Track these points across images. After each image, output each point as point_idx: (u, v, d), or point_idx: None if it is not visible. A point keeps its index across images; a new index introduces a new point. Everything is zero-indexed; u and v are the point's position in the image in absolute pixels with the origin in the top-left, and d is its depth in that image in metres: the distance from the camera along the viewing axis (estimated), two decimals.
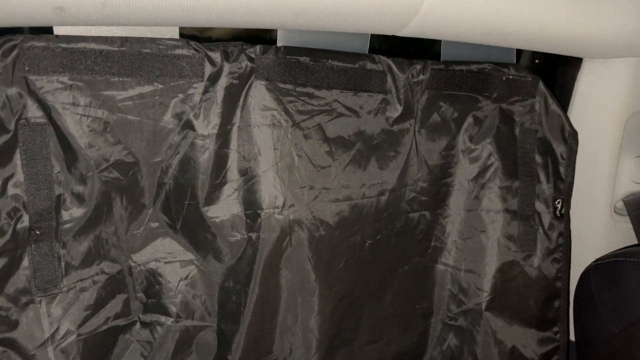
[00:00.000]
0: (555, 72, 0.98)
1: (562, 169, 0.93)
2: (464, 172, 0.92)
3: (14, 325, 0.66)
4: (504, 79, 0.89)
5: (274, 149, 0.77)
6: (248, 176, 0.77)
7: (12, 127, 0.65)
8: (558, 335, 0.95)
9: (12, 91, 0.64)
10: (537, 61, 1.05)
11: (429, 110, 0.87)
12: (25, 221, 0.67)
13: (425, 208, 0.91)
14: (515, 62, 0.92)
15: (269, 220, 0.77)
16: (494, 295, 0.91)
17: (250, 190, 0.77)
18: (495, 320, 0.92)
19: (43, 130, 0.67)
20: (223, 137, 0.75)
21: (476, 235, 0.92)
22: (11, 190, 0.66)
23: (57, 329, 0.69)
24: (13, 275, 0.66)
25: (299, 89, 0.77)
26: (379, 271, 0.89)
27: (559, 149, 0.93)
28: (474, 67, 0.87)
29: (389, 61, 0.82)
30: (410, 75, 0.83)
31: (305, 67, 0.77)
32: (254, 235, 0.78)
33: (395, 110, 0.84)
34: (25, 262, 0.67)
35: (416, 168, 0.88)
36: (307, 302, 0.82)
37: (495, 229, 0.92)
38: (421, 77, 0.84)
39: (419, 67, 0.84)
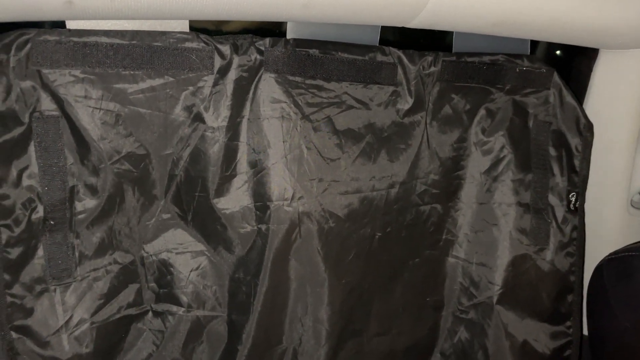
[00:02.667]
0: (571, 63, 0.96)
1: (576, 162, 0.92)
2: (476, 164, 0.91)
3: (29, 312, 0.68)
4: (517, 70, 0.88)
5: (283, 142, 0.77)
6: (257, 168, 0.77)
7: (26, 119, 0.66)
8: (571, 330, 0.94)
9: (26, 84, 0.65)
10: (558, 52, 1.03)
11: (440, 102, 0.87)
12: (40, 212, 0.68)
13: (437, 201, 0.90)
14: (529, 53, 0.91)
15: (278, 212, 0.78)
16: (505, 288, 0.90)
17: (259, 182, 0.78)
18: (506, 313, 0.91)
19: (56, 122, 0.68)
20: (233, 129, 0.76)
21: (488, 228, 0.92)
22: (26, 181, 0.67)
23: (71, 317, 0.71)
24: (28, 264, 0.68)
25: (308, 81, 0.78)
26: (388, 263, 0.89)
27: (574, 141, 0.91)
28: (486, 58, 0.86)
29: (400, 53, 0.81)
30: (421, 67, 0.83)
31: (314, 59, 0.77)
32: (263, 227, 0.78)
33: (406, 103, 0.84)
34: (40, 252, 0.69)
35: (427, 161, 0.88)
36: (316, 293, 0.82)
37: (508, 222, 0.91)
38: (432, 68, 0.84)
39: (430, 58, 0.83)
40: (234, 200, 0.78)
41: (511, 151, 0.90)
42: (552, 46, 0.99)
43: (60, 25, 0.67)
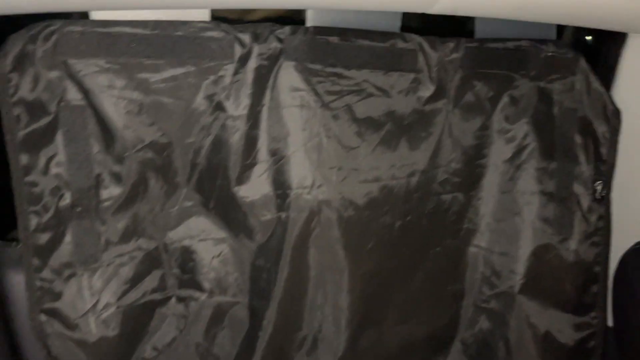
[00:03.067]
0: (598, 48, 0.93)
1: (603, 150, 0.90)
2: (498, 152, 0.90)
3: (58, 296, 0.71)
4: (542, 56, 0.86)
5: (303, 130, 0.78)
6: (277, 157, 0.78)
7: (53, 109, 0.68)
8: (595, 321, 0.92)
9: (53, 74, 0.67)
10: (586, 38, 1.00)
11: (462, 89, 0.86)
12: (67, 199, 0.70)
13: (458, 189, 0.90)
14: (555, 38, 0.89)
15: (298, 200, 0.79)
16: (527, 278, 0.90)
17: (279, 170, 0.78)
18: (528, 303, 0.90)
19: (82, 111, 0.70)
20: (253, 118, 0.77)
21: (510, 217, 0.91)
22: (54, 169, 0.69)
23: (98, 300, 0.73)
24: (57, 249, 0.70)
25: (328, 69, 0.78)
26: (409, 252, 0.88)
27: (601, 128, 0.89)
28: (510, 44, 0.85)
29: (421, 39, 0.81)
30: (443, 53, 0.82)
31: (334, 46, 0.77)
32: (283, 215, 0.79)
33: (427, 90, 0.83)
34: (68, 238, 0.71)
35: (449, 149, 0.87)
36: (336, 281, 0.83)
37: (530, 211, 0.90)
38: (454, 55, 0.83)
39: (452, 45, 0.82)
40: (255, 188, 0.78)
41: (535, 139, 0.89)
42: (579, 31, 0.96)
43: (85, 16, 0.69)
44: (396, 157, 0.83)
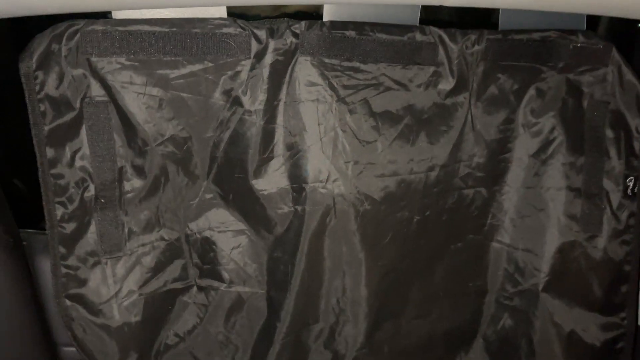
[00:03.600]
0: (631, 38, 0.89)
1: (636, 144, 0.86)
2: (523, 147, 0.88)
3: (82, 282, 0.75)
4: (571, 47, 0.83)
5: (319, 124, 0.78)
6: (294, 151, 0.79)
7: (78, 105, 0.71)
8: (625, 322, 0.89)
9: (77, 72, 0.70)
10: (619, 26, 0.96)
11: (485, 82, 0.84)
12: (91, 190, 0.74)
13: (481, 184, 0.88)
14: (585, 28, 0.85)
15: (314, 194, 0.79)
16: (552, 276, 0.87)
17: (296, 164, 0.79)
18: (552, 302, 0.88)
19: (105, 107, 0.73)
20: (270, 112, 0.78)
21: (535, 213, 0.88)
22: (78, 162, 0.73)
23: (121, 288, 0.77)
24: (82, 238, 0.74)
25: (344, 63, 0.78)
26: (428, 247, 0.88)
27: (634, 122, 0.86)
28: (536, 35, 0.82)
29: (441, 32, 0.79)
30: (464, 46, 0.80)
31: (350, 40, 0.77)
32: (299, 208, 0.80)
33: (448, 83, 0.82)
34: (93, 228, 0.75)
35: (471, 143, 0.86)
36: (353, 274, 0.83)
37: (556, 208, 0.87)
38: (476, 47, 0.81)
39: (473, 37, 0.80)
40: (272, 181, 0.80)
41: (562, 133, 0.86)
42: (612, 21, 0.92)
43: (106, 15, 0.71)
44: (415, 151, 0.83)
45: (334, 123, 0.78)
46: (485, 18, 0.87)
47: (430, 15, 0.83)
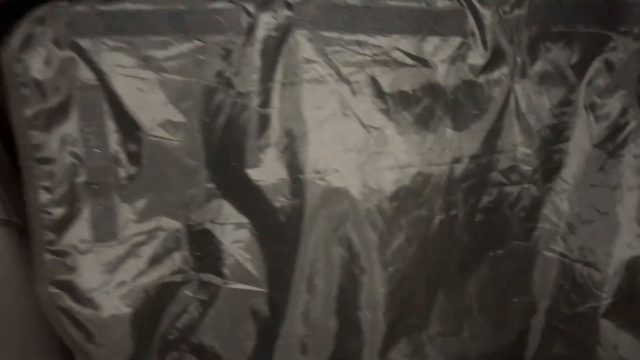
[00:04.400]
0: None
1: None
2: (586, 134, 0.71)
3: (71, 270, 0.73)
4: None
5: (317, 108, 0.69)
6: (290, 138, 0.71)
7: (65, 89, 0.70)
8: None
9: (64, 55, 0.68)
10: None
11: (532, 54, 0.68)
12: (83, 176, 0.72)
13: (530, 180, 0.72)
14: None
15: (312, 187, 0.70)
16: (617, 298, 0.69)
17: (292, 153, 0.71)
18: (617, 331, 0.70)
19: (95, 91, 0.70)
20: (264, 95, 0.70)
21: (599, 218, 0.71)
22: (68, 147, 0.71)
23: (113, 278, 0.74)
24: (73, 224, 0.72)
25: (347, 36, 0.67)
26: (457, 253, 0.74)
27: None
28: None
29: None
30: (500, 11, 0.66)
31: (354, 10, 0.66)
32: (298, 202, 0.72)
33: (480, 57, 0.68)
34: (85, 214, 0.73)
35: (515, 130, 0.71)
36: (356, 279, 0.73)
37: (626, 212, 0.69)
38: (517, 12, 0.66)
39: (512, 0, 0.66)
40: (267, 171, 0.72)
41: (637, 117, 0.67)
42: None
43: None
44: (435, 138, 0.70)
45: (334, 106, 0.69)
46: None
47: None
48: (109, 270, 0.74)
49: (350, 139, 0.69)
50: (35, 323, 0.78)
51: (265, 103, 0.70)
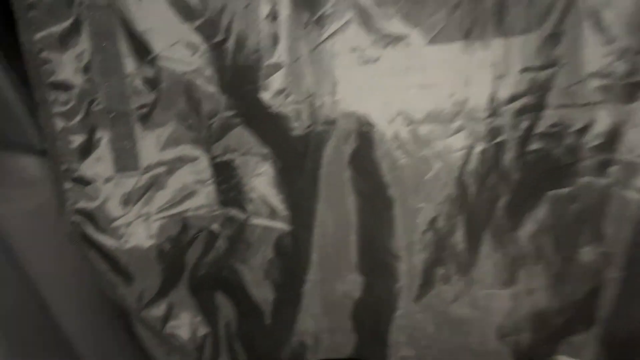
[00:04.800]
0: None
1: None
2: None
3: (92, 198, 0.72)
4: None
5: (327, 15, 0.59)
6: (299, 53, 0.62)
7: (75, 9, 0.67)
8: None
9: None
10: None
11: None
12: (100, 104, 0.70)
13: (604, 99, 0.58)
14: None
15: (327, 110, 0.62)
16: None
17: (302, 73, 0.62)
18: None
19: (107, 13, 0.67)
20: (271, 2, 0.62)
21: None
22: (81, 73, 0.68)
23: (135, 208, 0.73)
24: (92, 152, 0.71)
25: None
26: (506, 190, 0.62)
27: None
28: None
29: None
30: None
31: None
32: (314, 129, 0.64)
33: None
34: (104, 142, 0.71)
35: (582, 32, 0.55)
36: (381, 218, 0.64)
37: None
38: None
39: None
40: (279, 95, 0.64)
41: None
42: None
43: None
44: (474, 51, 0.57)
45: (344, 10, 0.58)
46: None
47: None
48: (131, 201, 0.72)
49: (365, 48, 0.59)
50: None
51: (273, 12, 0.62)
